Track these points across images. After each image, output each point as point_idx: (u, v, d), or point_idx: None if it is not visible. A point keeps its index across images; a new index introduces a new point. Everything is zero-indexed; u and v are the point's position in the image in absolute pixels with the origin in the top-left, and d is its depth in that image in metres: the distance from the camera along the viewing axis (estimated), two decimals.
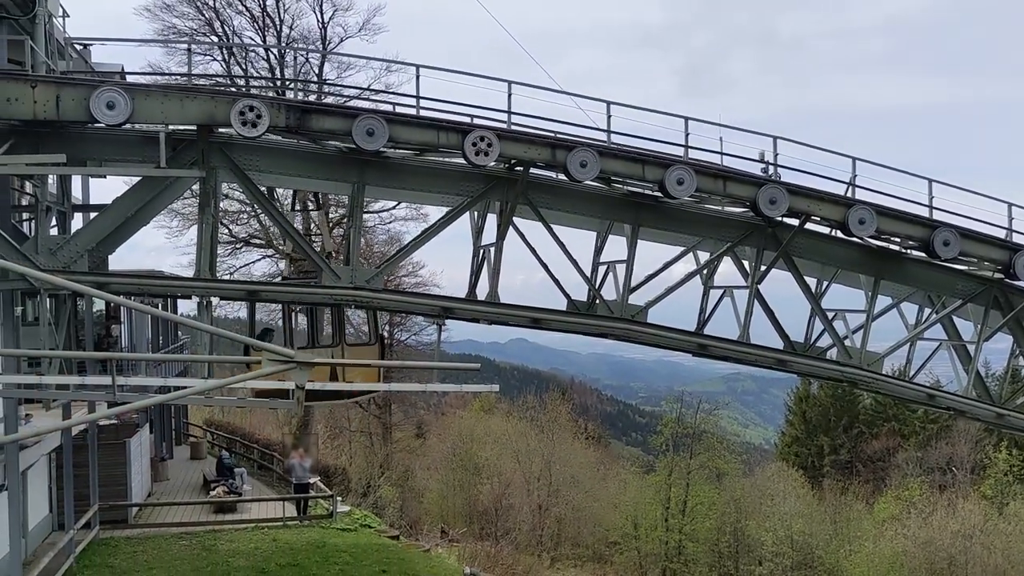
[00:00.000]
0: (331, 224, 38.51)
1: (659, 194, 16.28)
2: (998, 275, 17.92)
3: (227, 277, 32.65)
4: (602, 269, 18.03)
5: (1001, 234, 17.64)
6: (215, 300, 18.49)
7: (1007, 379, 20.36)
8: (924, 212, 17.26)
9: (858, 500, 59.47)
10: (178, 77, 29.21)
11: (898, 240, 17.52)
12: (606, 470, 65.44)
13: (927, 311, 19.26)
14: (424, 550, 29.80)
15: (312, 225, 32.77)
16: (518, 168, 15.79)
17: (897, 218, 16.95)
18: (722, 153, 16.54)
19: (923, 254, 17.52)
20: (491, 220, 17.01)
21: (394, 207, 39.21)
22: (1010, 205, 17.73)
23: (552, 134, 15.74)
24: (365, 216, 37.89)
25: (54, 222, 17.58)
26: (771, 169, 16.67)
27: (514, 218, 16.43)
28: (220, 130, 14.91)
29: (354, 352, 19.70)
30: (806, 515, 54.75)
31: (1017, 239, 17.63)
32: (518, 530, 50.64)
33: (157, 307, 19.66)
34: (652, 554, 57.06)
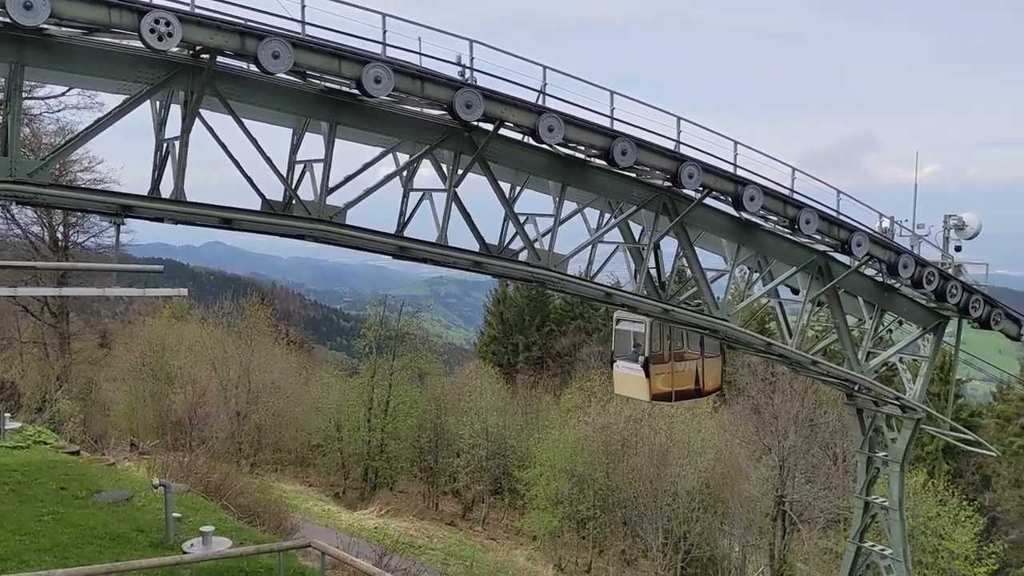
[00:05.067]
0: None
1: (357, 92, 15.88)
2: (667, 183, 19.55)
3: None
4: (299, 168, 17.42)
5: (671, 145, 19.18)
6: None
7: (672, 278, 22.53)
8: (606, 122, 18.30)
9: (547, 393, 64.23)
10: None
11: (583, 148, 18.48)
12: (309, 375, 65.24)
13: (607, 216, 20.71)
14: (109, 464, 28.13)
15: None
16: (204, 56, 14.63)
17: (581, 127, 17.82)
18: (421, 54, 16.36)
19: (604, 162, 18.65)
20: (176, 112, 15.76)
21: (63, 93, 35.30)
22: (679, 119, 19.27)
23: (243, 21, 14.69)
24: (29, 103, 34.04)
25: None
26: (468, 73, 16.81)
27: (203, 111, 15.30)
28: None
29: (708, 363, 24.38)
30: (501, 409, 58.30)
31: (684, 151, 19.26)
32: (215, 439, 49.36)
33: None
34: (355, 454, 58.26)
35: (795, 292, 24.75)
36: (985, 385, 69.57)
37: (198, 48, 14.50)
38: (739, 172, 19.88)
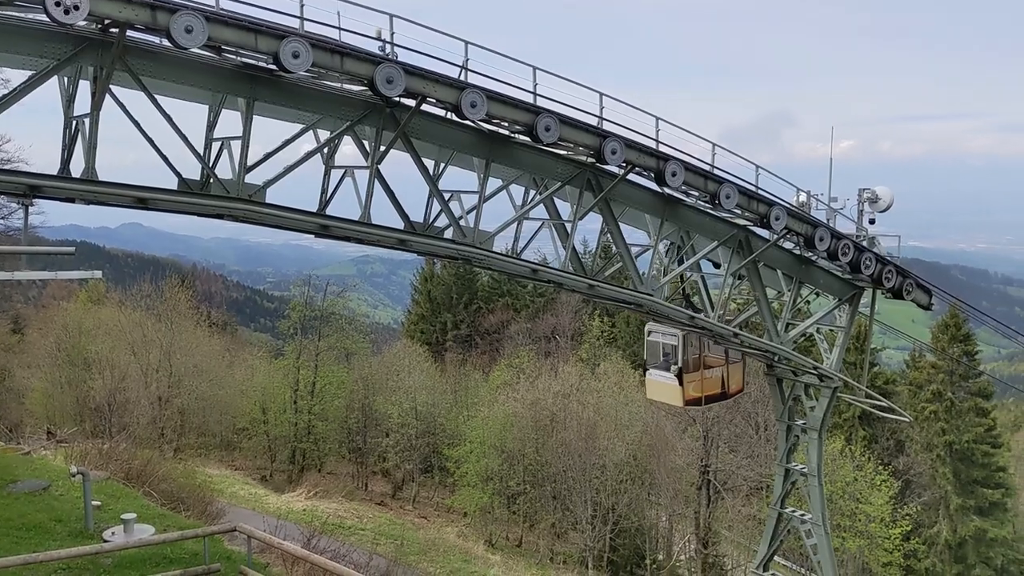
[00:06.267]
0: None
1: (275, 67, 15.53)
2: (591, 160, 19.65)
3: None
4: (216, 146, 16.97)
5: (594, 122, 19.25)
6: None
7: (596, 254, 22.72)
8: (530, 99, 18.25)
9: (476, 370, 64.40)
10: None
11: (507, 124, 18.41)
12: (232, 357, 64.14)
13: (532, 193, 20.72)
14: (25, 453, 27.29)
15: None
16: (113, 30, 14.10)
17: (504, 103, 17.73)
18: (340, 28, 16.07)
19: (528, 139, 18.62)
20: (86, 88, 15.19)
21: None
22: (601, 95, 19.36)
23: None
24: None
25: None
26: (388, 48, 16.57)
27: (114, 87, 14.78)
28: None
29: (732, 368, 26.45)
30: (430, 387, 58.23)
31: (607, 127, 19.35)
32: (136, 424, 48.27)
33: None
34: (282, 436, 57.59)
35: (717, 266, 25.24)
36: (899, 353, 72.15)
37: (107, 22, 13.99)
38: (661, 148, 20.09)
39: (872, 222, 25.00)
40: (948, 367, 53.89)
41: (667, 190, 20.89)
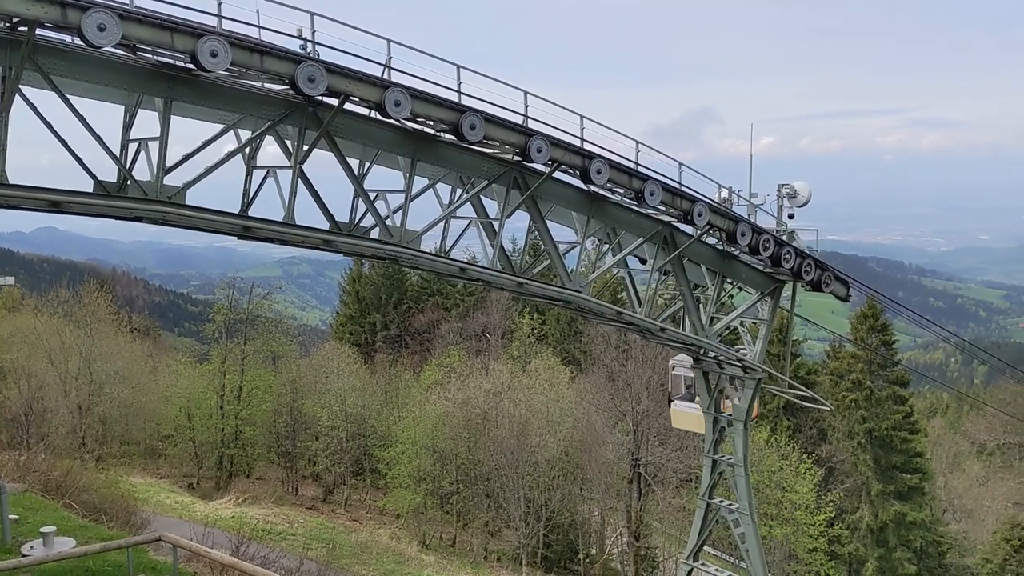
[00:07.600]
0: None
1: (193, 66, 15.19)
2: (517, 158, 19.70)
3: None
4: (133, 147, 16.55)
5: (519, 120, 19.31)
6: None
7: (525, 252, 22.79)
8: (454, 97, 18.23)
9: (407, 370, 64.09)
10: None
11: (432, 123, 18.35)
12: (156, 363, 62.69)
13: (459, 191, 20.70)
14: None
15: None
16: (22, 28, 13.65)
17: (429, 101, 17.65)
18: (260, 27, 15.80)
19: (454, 137, 18.59)
20: None
21: None
22: (526, 93, 19.40)
23: None
24: None
25: None
26: (310, 46, 16.36)
27: (24, 87, 14.30)
28: None
29: None
30: (360, 389, 57.75)
31: (533, 125, 19.41)
32: (55, 434, 46.81)
33: None
34: (208, 443, 56.52)
35: (643, 262, 25.54)
36: (820, 344, 74.25)
37: (15, 20, 13.53)
38: (586, 146, 20.22)
39: (791, 217, 25.59)
40: (867, 357, 55.55)
41: (593, 187, 21.04)
